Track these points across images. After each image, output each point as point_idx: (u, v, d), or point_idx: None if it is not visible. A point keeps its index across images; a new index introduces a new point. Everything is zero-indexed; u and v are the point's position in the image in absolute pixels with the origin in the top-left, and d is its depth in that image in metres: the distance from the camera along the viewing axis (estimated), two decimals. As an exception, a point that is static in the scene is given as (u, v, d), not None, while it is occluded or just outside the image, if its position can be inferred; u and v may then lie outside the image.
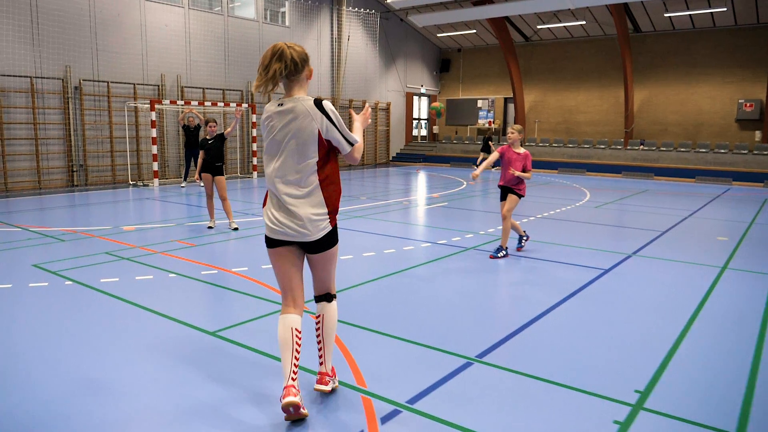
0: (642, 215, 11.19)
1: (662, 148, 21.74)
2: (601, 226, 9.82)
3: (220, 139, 8.69)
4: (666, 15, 21.52)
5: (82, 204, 11.62)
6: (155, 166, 15.08)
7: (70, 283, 5.69)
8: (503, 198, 7.31)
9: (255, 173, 17.95)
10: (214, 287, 5.65)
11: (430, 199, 13.04)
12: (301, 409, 2.99)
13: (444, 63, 28.92)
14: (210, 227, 8.78)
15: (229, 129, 8.67)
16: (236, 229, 8.66)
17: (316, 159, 3.01)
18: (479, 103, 27.81)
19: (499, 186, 7.36)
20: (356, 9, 22.90)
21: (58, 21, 14.14)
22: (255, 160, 18.01)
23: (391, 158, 26.56)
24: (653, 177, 20.55)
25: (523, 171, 7.10)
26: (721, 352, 4.17)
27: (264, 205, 3.17)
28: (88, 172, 15.19)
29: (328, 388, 3.31)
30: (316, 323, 3.29)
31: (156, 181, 15.00)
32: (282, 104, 3.04)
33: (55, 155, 14.56)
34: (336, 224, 3.16)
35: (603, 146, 22.92)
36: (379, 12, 23.89)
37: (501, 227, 7.37)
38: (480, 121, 27.73)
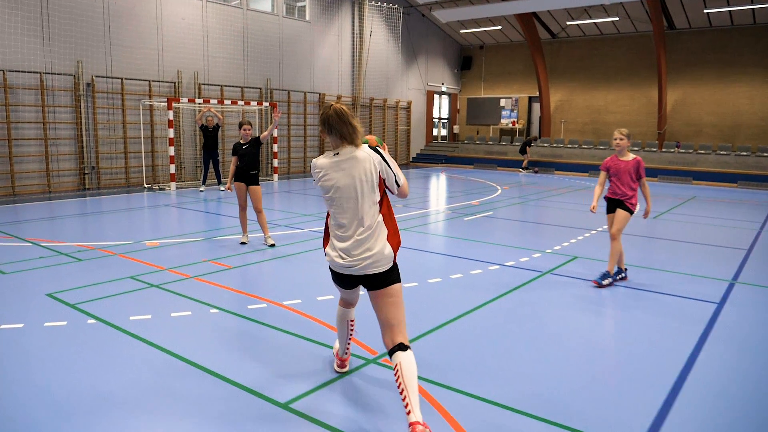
0: (709, 229, 10.17)
1: (700, 151, 20.66)
2: (676, 243, 8.81)
3: (256, 144, 7.71)
4: (705, 11, 20.45)
5: (96, 212, 10.67)
6: (172, 168, 14.12)
7: (93, 321, 4.72)
8: (610, 210, 6.31)
9: (276, 176, 16.97)
10: (268, 329, 4.67)
11: (470, 207, 12.05)
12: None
13: (465, 60, 27.88)
14: (243, 243, 7.81)
15: (265, 133, 7.69)
16: (273, 245, 7.69)
17: (378, 199, 3.19)
18: (502, 102, 26.78)
19: (607, 198, 6.37)
20: (379, 3, 21.88)
21: (70, 13, 13.18)
22: (276, 162, 17.04)
23: (411, 159, 25.56)
24: (691, 181, 19.49)
25: (638, 179, 6.12)
26: None
27: (325, 245, 3.37)
28: (101, 174, 14.25)
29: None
30: (395, 373, 3.01)
31: (173, 184, 14.05)
32: (338, 154, 3.17)
33: (65, 157, 13.62)
34: (396, 262, 3.26)
35: (636, 148, 21.84)
36: (402, 7, 22.86)
37: (566, 243, 6.36)
38: (503, 121, 26.71)
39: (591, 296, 5.78)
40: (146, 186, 14.49)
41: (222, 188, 14.08)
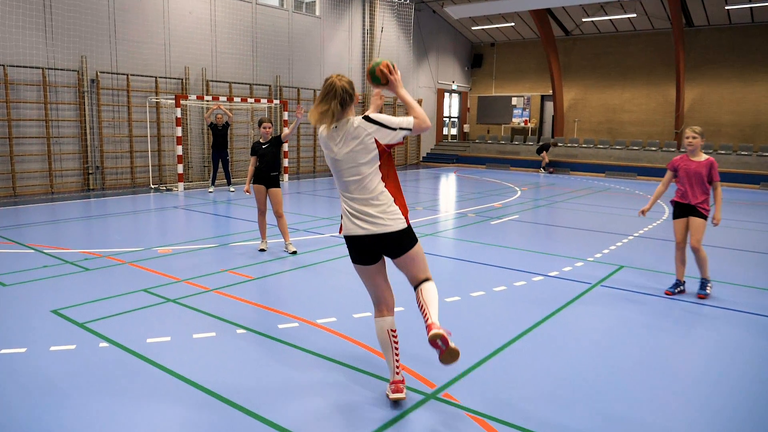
0: (761, 235, 9.59)
1: (720, 152, 20.07)
2: (729, 251, 8.22)
3: (277, 143, 7.15)
4: (727, 8, 19.86)
5: (102, 214, 10.10)
6: (180, 168, 13.55)
7: (105, 344, 4.16)
8: (678, 215, 5.73)
9: (286, 176, 16.41)
10: (305, 356, 4.10)
11: (494, 210, 11.48)
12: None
13: (476, 58, 27.28)
14: (262, 250, 7.24)
15: (287, 131, 7.13)
16: (294, 252, 7.12)
17: (378, 165, 3.23)
18: (514, 101, 26.18)
19: (674, 202, 5.78)
20: (390, -1, 21.32)
21: (73, 6, 12.61)
22: (286, 162, 16.46)
23: (421, 159, 24.98)
24: (712, 182, 18.85)
25: (709, 182, 5.54)
26: None
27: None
28: (105, 174, 13.69)
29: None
30: (417, 300, 3.30)
31: (181, 185, 13.48)
32: (336, 127, 3.22)
33: (68, 156, 13.06)
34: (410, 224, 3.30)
35: (654, 148, 21.26)
36: (413, 3, 22.28)
37: (605, 250, 5.79)
38: (514, 120, 26.12)
39: (658, 311, 5.21)
40: (153, 186, 13.93)
41: (232, 189, 13.52)
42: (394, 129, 3.17)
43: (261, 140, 7.18)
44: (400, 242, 3.23)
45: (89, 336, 4.31)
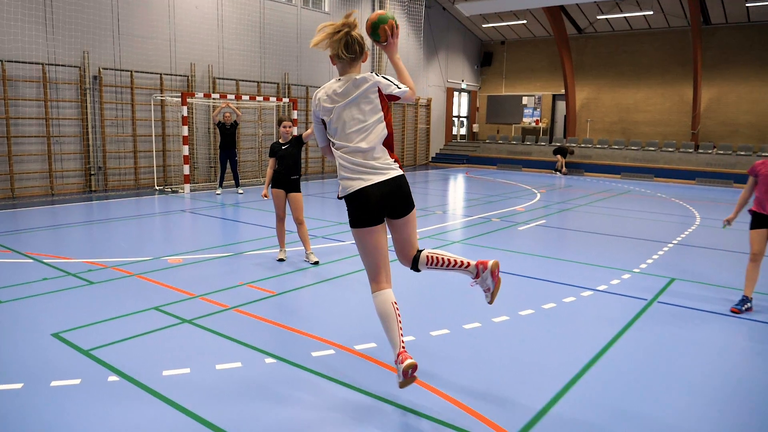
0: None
1: (740, 152, 19.49)
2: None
3: (298, 143, 6.57)
4: (747, 5, 19.29)
5: (105, 218, 9.53)
6: (186, 169, 12.97)
7: (115, 378, 3.58)
8: (756, 225, 5.13)
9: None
10: (349, 392, 3.52)
11: (517, 214, 10.91)
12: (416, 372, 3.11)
13: (486, 56, 26.69)
14: (281, 260, 6.67)
15: (309, 131, 6.55)
16: (317, 263, 6.55)
17: (382, 115, 3.27)
18: (524, 100, 25.61)
19: (752, 212, 5.19)
20: (400, -5, 20.74)
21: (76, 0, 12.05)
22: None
23: (430, 159, 24.40)
24: (732, 184, 18.32)
25: None
26: None
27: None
28: (108, 175, 13.11)
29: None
30: (432, 260, 3.39)
31: (187, 187, 12.90)
32: (340, 80, 3.29)
33: (69, 156, 12.48)
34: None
35: (671, 149, 20.69)
36: (424, 0, 21.71)
37: (649, 260, 5.23)
38: (525, 120, 25.56)
39: (739, 332, 4.64)
40: (157, 188, 13.36)
41: (240, 191, 12.95)
42: (394, 84, 3.27)
43: (280, 140, 6.60)
44: (407, 197, 3.27)
45: (96, 367, 3.73)
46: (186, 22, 14.15)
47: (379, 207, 3.18)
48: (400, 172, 3.27)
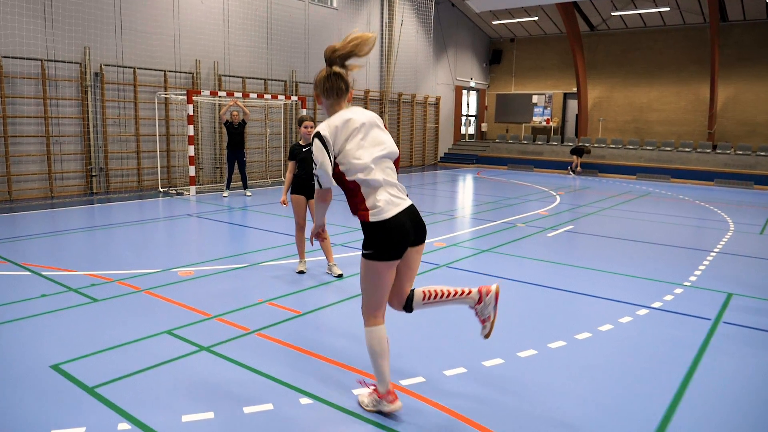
0: None
1: (760, 153, 18.94)
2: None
3: (320, 146, 5.99)
4: (767, 1, 18.72)
5: (107, 224, 8.98)
6: (192, 171, 12.41)
7: (126, 426, 3.03)
8: None
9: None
10: (400, 442, 2.97)
11: (541, 218, 10.36)
12: None
13: (495, 54, 26.13)
14: (301, 272, 6.12)
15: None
16: (340, 276, 5.99)
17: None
18: (534, 99, 25.05)
19: None
20: (409, -10, 20.17)
21: (76, -8, 11.48)
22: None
23: (439, 159, 23.84)
24: (753, 186, 17.78)
25: None
26: None
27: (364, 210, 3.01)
28: (110, 177, 12.55)
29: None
30: (429, 296, 3.28)
31: (192, 189, 12.34)
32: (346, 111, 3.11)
33: (70, 156, 11.92)
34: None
35: (688, 149, 20.13)
36: (433, -5, 21.13)
37: (697, 271, 4.68)
38: (535, 119, 25.01)
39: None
40: (161, 190, 12.80)
41: (248, 194, 12.40)
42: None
43: (301, 142, 6.05)
44: (424, 228, 3.16)
45: (102, 410, 3.18)
46: (191, 17, 13.60)
47: (410, 234, 3.05)
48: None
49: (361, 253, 3.07)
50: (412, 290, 3.26)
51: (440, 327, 4.65)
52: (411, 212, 3.06)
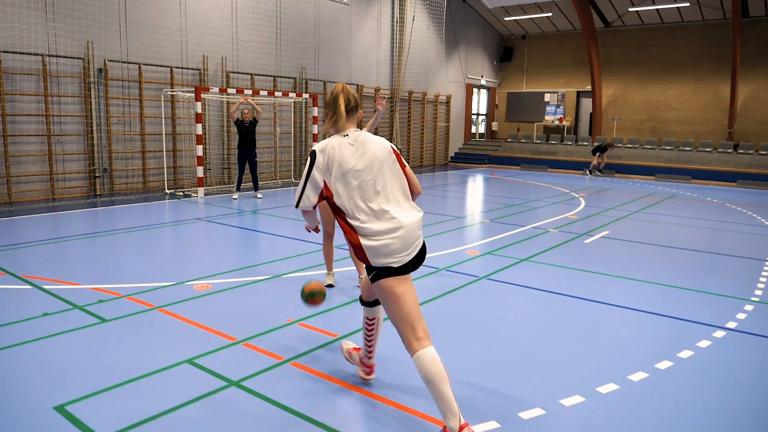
0: None
1: (784, 153, 18.35)
2: None
3: (351, 146, 5.42)
4: (792, -5, 18.13)
5: (113, 229, 8.40)
6: (200, 171, 11.83)
7: (149, 494, 2.45)
8: None
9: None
10: None
11: (571, 223, 9.79)
12: None
13: (506, 51, 25.54)
14: (330, 285, 5.55)
15: (365, 128, 5.41)
16: (373, 290, 5.41)
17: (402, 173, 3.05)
18: (546, 97, 24.47)
19: None
20: (421, -15, 19.59)
21: (79, -17, 10.90)
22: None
23: (449, 159, 23.26)
24: (777, 188, 17.19)
25: None
26: None
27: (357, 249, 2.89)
28: (114, 178, 11.98)
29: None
30: (369, 325, 3.42)
31: (201, 190, 11.76)
32: (347, 135, 2.98)
33: (72, 156, 11.35)
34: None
35: (708, 149, 19.54)
36: (445, -10, 20.54)
37: (760, 284, 4.11)
38: (547, 118, 24.42)
39: None
40: (168, 192, 12.22)
41: (259, 195, 11.82)
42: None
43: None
44: (422, 256, 3.03)
45: (119, 470, 2.61)
46: (198, 11, 13.02)
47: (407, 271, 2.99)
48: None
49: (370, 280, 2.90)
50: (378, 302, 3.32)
51: (507, 362, 4.08)
52: (414, 253, 2.93)
